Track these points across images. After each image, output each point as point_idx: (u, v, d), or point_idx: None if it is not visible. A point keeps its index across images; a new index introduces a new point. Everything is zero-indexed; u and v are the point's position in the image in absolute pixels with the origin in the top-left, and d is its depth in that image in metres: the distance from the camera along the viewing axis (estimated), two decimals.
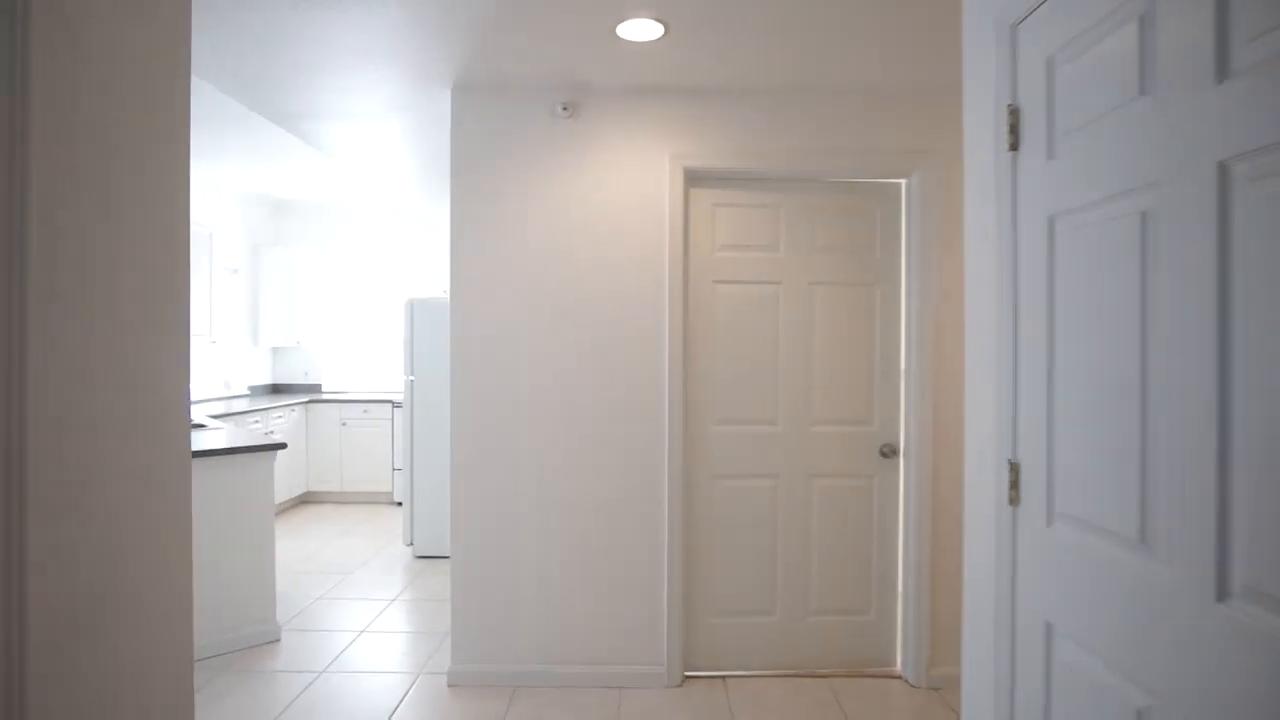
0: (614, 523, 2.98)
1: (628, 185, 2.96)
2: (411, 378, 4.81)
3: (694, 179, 3.04)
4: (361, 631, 3.56)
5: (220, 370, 6.25)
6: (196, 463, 3.18)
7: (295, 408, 6.16)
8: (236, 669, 3.14)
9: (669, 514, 2.96)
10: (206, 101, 3.89)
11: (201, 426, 4.20)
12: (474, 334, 2.99)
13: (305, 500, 6.39)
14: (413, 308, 4.80)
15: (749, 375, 3.06)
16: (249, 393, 6.54)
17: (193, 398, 5.73)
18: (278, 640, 3.43)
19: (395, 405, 6.30)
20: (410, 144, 4.04)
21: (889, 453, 3.06)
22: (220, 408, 5.52)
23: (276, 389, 6.94)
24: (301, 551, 4.89)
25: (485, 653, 2.98)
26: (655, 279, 2.97)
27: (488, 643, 2.98)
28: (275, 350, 6.97)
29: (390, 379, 6.94)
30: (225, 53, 2.76)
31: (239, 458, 3.32)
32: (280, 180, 6.02)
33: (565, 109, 2.91)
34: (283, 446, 3.46)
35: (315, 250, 6.84)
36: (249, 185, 6.17)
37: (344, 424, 6.33)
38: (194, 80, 3.50)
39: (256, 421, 5.56)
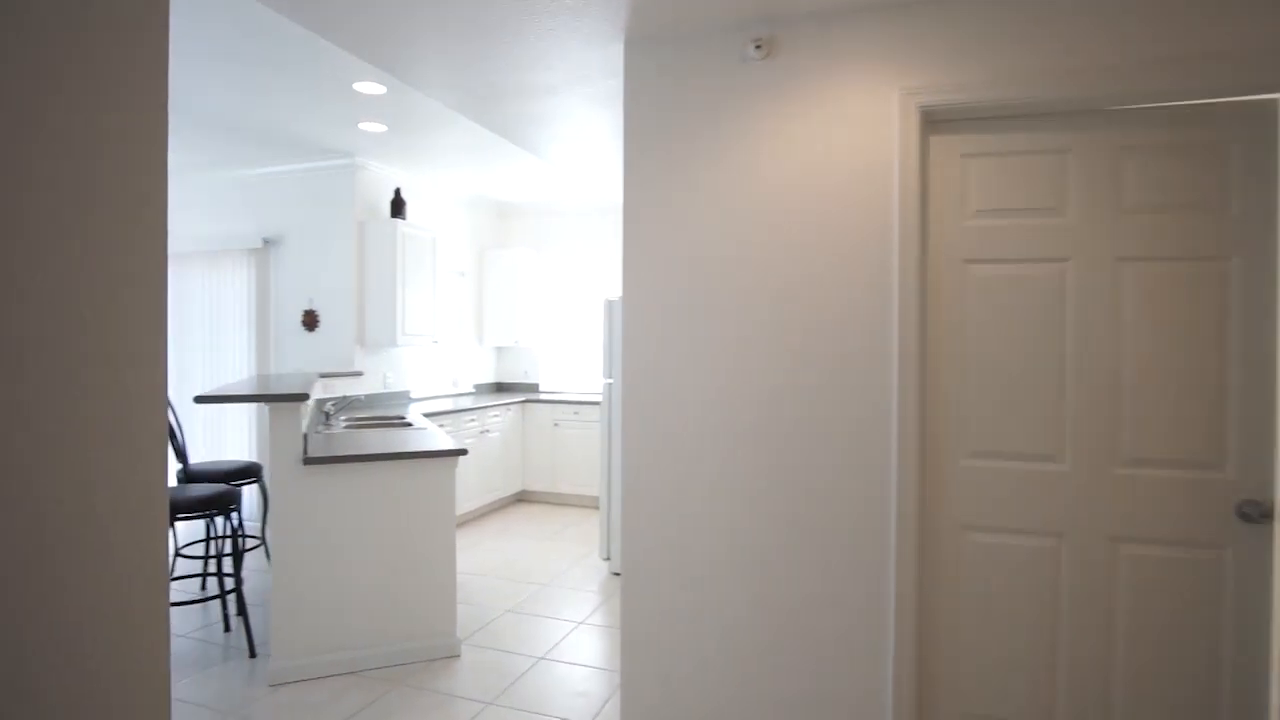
0: (822, 576, 2.30)
1: (840, 138, 2.26)
2: (609, 380, 4.49)
3: (935, 122, 2.24)
4: (540, 658, 3.26)
5: (447, 369, 6.53)
6: (378, 466, 3.09)
7: (511, 407, 6.23)
8: (408, 685, 2.98)
9: (897, 571, 2.20)
10: (429, 108, 3.92)
11: (407, 425, 4.25)
12: (645, 334, 2.50)
13: (521, 499, 6.45)
14: (611, 308, 4.48)
15: (1016, 391, 2.19)
16: (473, 391, 6.78)
17: (419, 395, 6.02)
18: (457, 656, 3.25)
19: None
20: (603, 129, 3.70)
21: (1254, 514, 2.00)
22: (448, 404, 5.70)
23: (500, 387, 7.15)
24: (506, 553, 4.81)
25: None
26: (879, 260, 2.23)
27: (663, 712, 2.47)
28: (499, 350, 7.19)
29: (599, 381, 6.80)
30: (425, 52, 2.57)
31: (421, 462, 3.18)
32: (501, 184, 6.11)
33: (758, 48, 2.29)
34: (463, 452, 3.27)
35: (533, 252, 6.91)
36: (475, 189, 6.36)
37: (556, 424, 6.28)
38: (415, 91, 3.54)
39: (473, 420, 5.66)
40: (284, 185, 5.57)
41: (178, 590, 4.01)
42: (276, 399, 2.88)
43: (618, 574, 4.39)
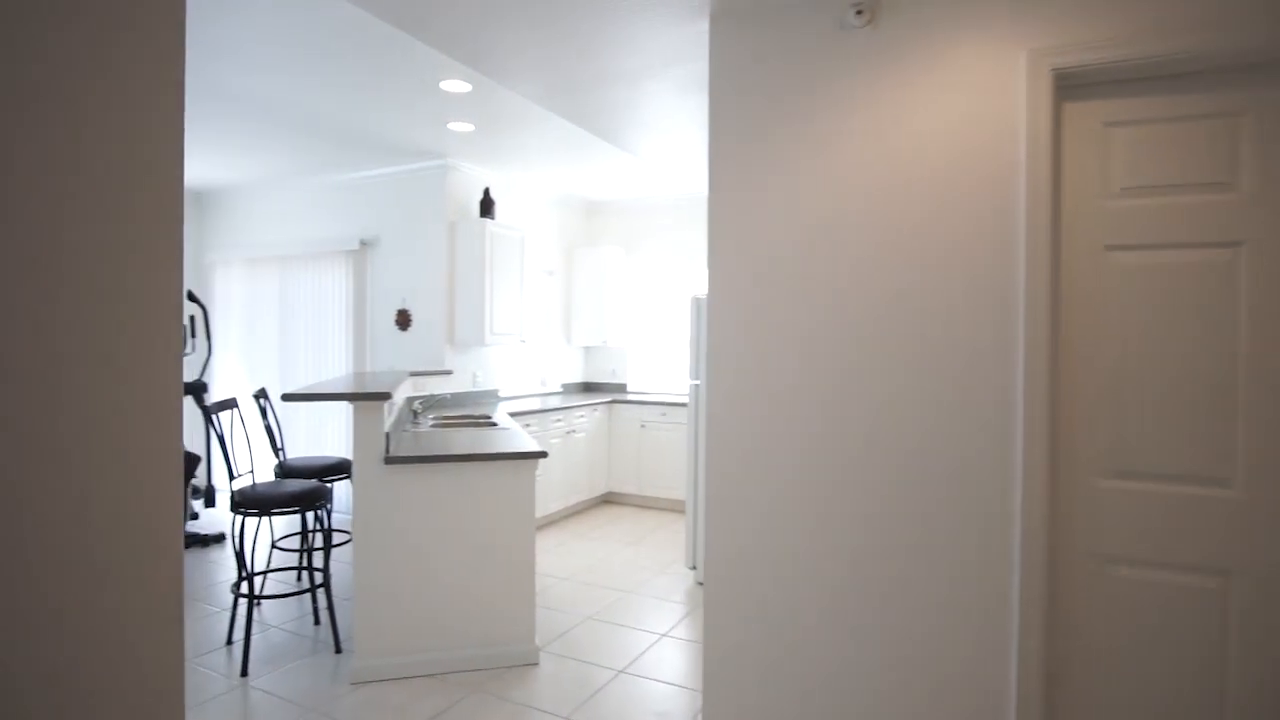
0: (937, 611, 2.03)
1: (955, 109, 1.99)
2: (696, 382, 4.31)
3: (1070, 86, 1.94)
4: (620, 672, 3.12)
5: (535, 368, 6.53)
6: (459, 467, 3.04)
7: (599, 407, 6.15)
8: (486, 691, 2.91)
9: (1021, 609, 1.91)
10: (515, 105, 3.88)
11: (492, 424, 4.22)
12: (731, 334, 2.31)
13: (607, 500, 6.37)
14: (698, 306, 4.29)
15: (1171, 401, 1.85)
16: (561, 390, 6.76)
17: (507, 394, 6.03)
18: (535, 664, 3.16)
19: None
20: (689, 118, 3.52)
21: None
22: (535, 404, 5.69)
23: (588, 387, 7.10)
24: (590, 557, 4.72)
25: None
26: (1000, 246, 1.94)
27: None
28: (586, 349, 7.14)
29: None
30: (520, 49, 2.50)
31: (501, 464, 3.11)
32: (589, 181, 6.04)
33: (859, 13, 2.05)
34: (543, 455, 3.18)
35: (621, 249, 6.81)
36: (563, 188, 6.33)
37: (643, 426, 6.15)
38: (500, 89, 3.50)
39: (559, 420, 5.62)
40: (379, 188, 5.71)
41: (274, 582, 4.14)
42: (358, 398, 2.87)
43: (703, 584, 4.20)
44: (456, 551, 3.07)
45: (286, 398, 2.84)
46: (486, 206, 5.46)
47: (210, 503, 5.60)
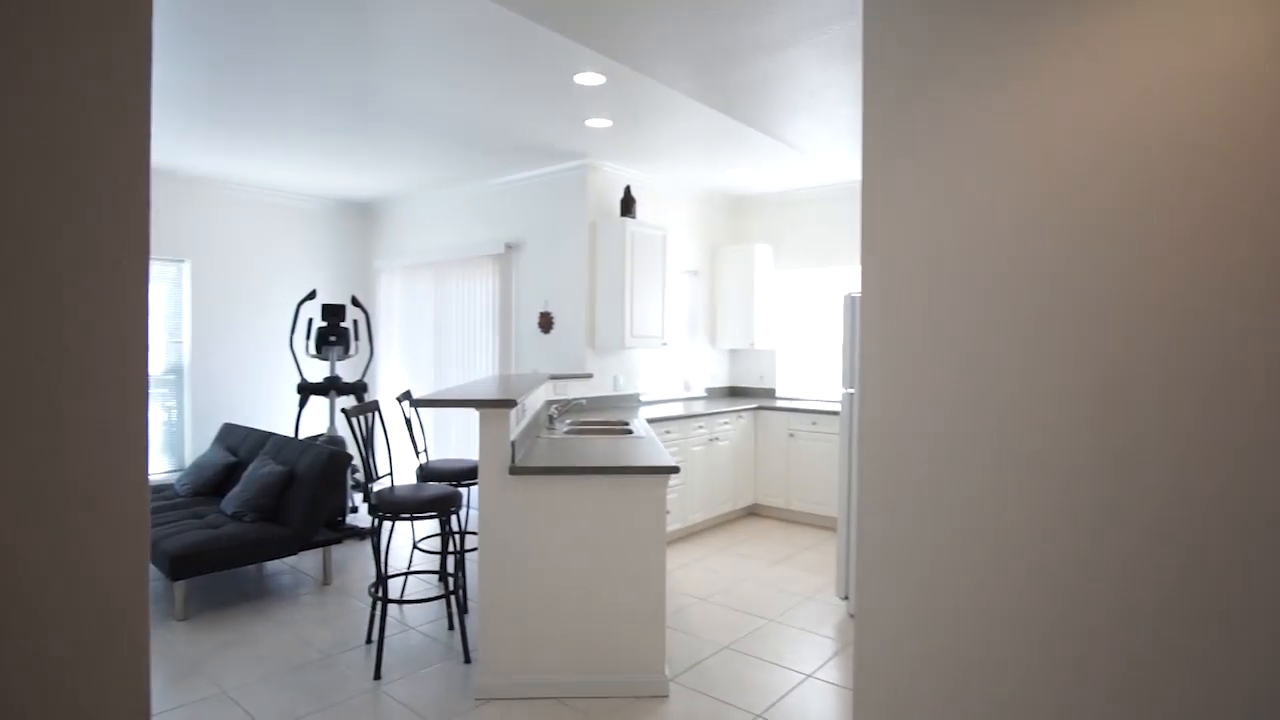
0: (1178, 710, 1.53)
1: (1218, 36, 1.47)
2: (850, 391, 3.86)
3: None
4: (759, 716, 2.79)
5: (678, 372, 6.30)
6: (585, 480, 2.85)
7: (744, 414, 5.81)
8: None
9: None
10: (653, 97, 3.68)
11: (627, 432, 4.02)
12: (888, 336, 1.91)
13: (752, 513, 6.01)
14: (852, 305, 3.84)
15: None
16: (705, 395, 6.48)
17: (649, 398, 5.85)
18: (664, 697, 2.90)
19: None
20: (840, 92, 3.11)
21: None
22: (677, 409, 5.47)
23: (734, 392, 6.77)
24: (730, 576, 4.40)
25: None
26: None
27: None
28: (732, 352, 6.81)
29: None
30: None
31: (630, 478, 2.89)
32: (733, 175, 5.73)
33: None
34: (674, 470, 2.91)
35: (768, 246, 6.42)
36: (706, 183, 6.06)
37: (792, 435, 5.73)
38: (635, 81, 3.31)
39: (701, 427, 5.34)
40: (524, 191, 5.74)
41: (418, 582, 4.21)
42: (483, 405, 2.77)
43: None
44: (582, 568, 2.89)
45: (415, 403, 2.80)
46: (627, 205, 5.30)
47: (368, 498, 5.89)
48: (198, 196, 6.17)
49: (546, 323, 5.54)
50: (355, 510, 5.54)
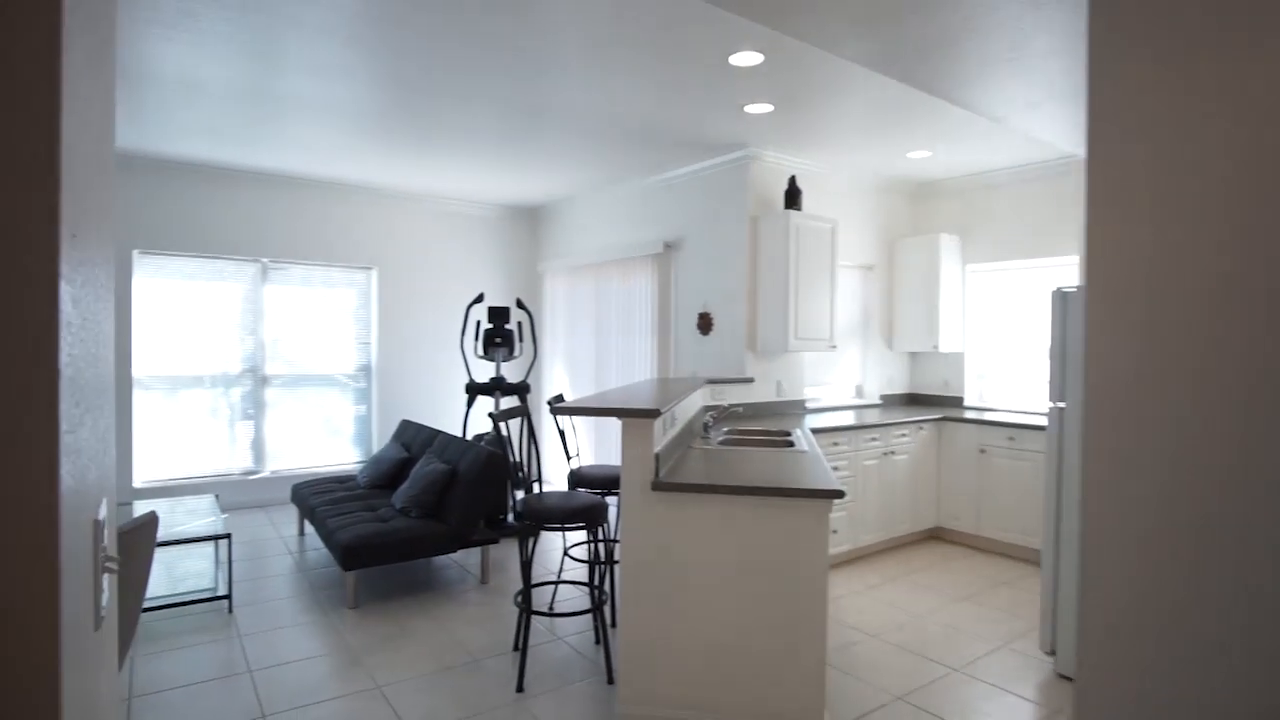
0: None
1: None
2: (1060, 405, 3.22)
3: None
4: None
5: (849, 377, 5.79)
6: (735, 500, 2.56)
7: (925, 425, 5.18)
8: None
9: None
10: (816, 74, 3.31)
11: (789, 444, 3.66)
12: (1128, 337, 1.44)
13: (933, 537, 5.35)
14: (1064, 303, 3.21)
15: None
16: (880, 403, 5.90)
17: (815, 405, 5.41)
18: None
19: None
20: (1051, 41, 2.55)
21: None
22: (847, 418, 5.00)
23: (913, 400, 6.12)
24: (905, 609, 3.89)
25: None
26: None
27: None
28: (912, 356, 6.15)
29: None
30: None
31: (787, 501, 2.55)
32: (912, 158, 5.13)
33: None
34: (839, 494, 2.53)
35: (955, 237, 5.70)
36: (880, 168, 5.50)
37: (983, 451, 5.02)
38: (794, 58, 3.00)
39: (874, 439, 4.82)
40: (683, 188, 5.53)
41: (566, 592, 4.13)
42: (625, 414, 2.57)
43: (1067, 678, 3.11)
44: (732, 596, 2.60)
45: (555, 410, 2.66)
46: (792, 197, 4.92)
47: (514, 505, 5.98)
48: (383, 207, 6.63)
49: (705, 324, 5.29)
50: (514, 510, 5.63)
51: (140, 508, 4.86)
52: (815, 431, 4.42)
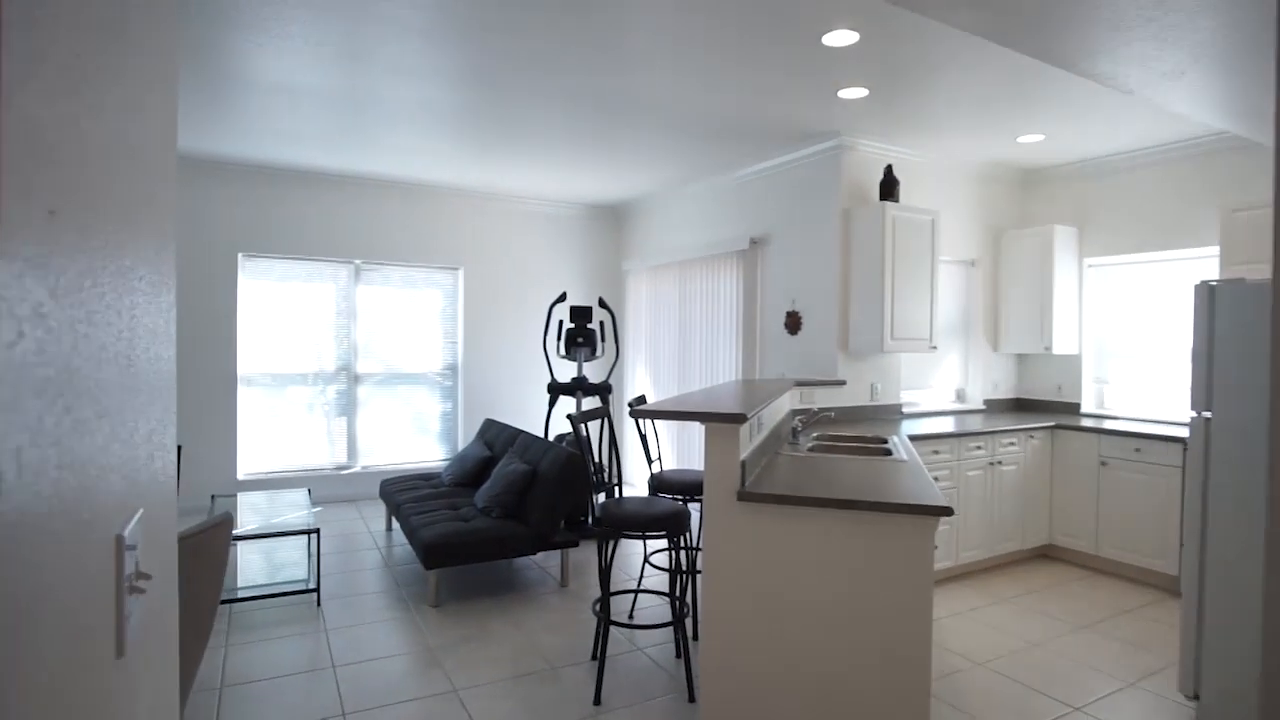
0: None
1: None
2: (1206, 415, 2.83)
3: None
4: None
5: (949, 380, 5.41)
6: (829, 514, 2.36)
7: (1037, 433, 4.76)
8: None
9: None
10: (915, 49, 3.04)
11: (885, 452, 3.40)
12: None
13: (1045, 554, 4.91)
14: (1211, 299, 2.82)
15: None
16: (983, 408, 5.48)
17: (912, 410, 5.08)
18: None
19: (1187, 446, 4.14)
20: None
21: None
22: (947, 424, 4.66)
23: (1021, 405, 5.65)
24: (1019, 635, 3.54)
25: None
26: None
27: None
28: (1020, 358, 5.69)
29: (1183, 408, 4.71)
30: None
31: (887, 517, 2.33)
32: (1023, 142, 4.73)
33: None
34: (947, 512, 2.28)
35: (1070, 228, 5.22)
36: (986, 154, 5.10)
37: (1104, 463, 4.55)
38: (893, 34, 2.77)
39: (979, 447, 4.46)
40: (770, 182, 5.31)
41: (645, 603, 4.00)
42: (709, 419, 2.41)
43: None
44: (825, 616, 2.39)
45: (635, 413, 2.54)
46: (888, 188, 4.62)
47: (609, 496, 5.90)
48: (469, 209, 6.71)
49: (794, 323, 5.05)
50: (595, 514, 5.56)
51: (242, 500, 5.08)
52: (913, 439, 4.12)
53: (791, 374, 5.09)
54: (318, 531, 3.89)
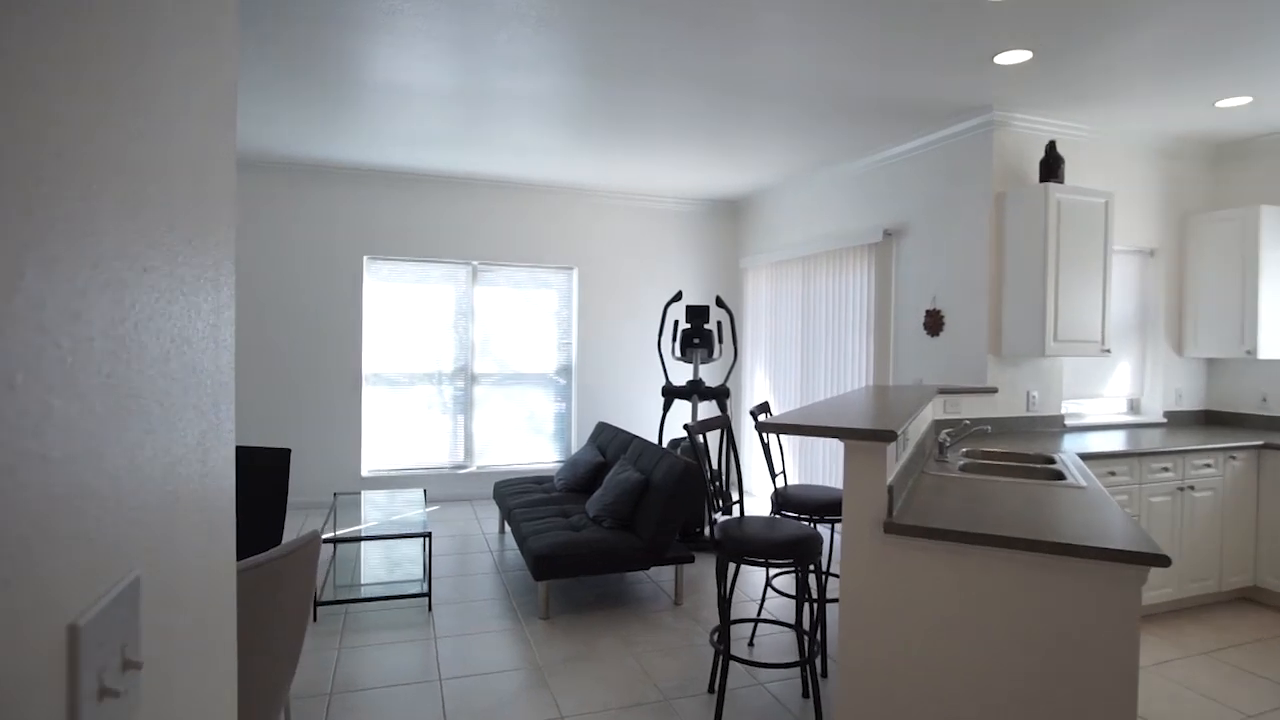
0: None
1: None
2: None
3: None
4: None
5: (1122, 389, 4.69)
6: (1002, 556, 1.95)
7: (1238, 454, 4.00)
8: None
9: None
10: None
11: (1055, 474, 2.89)
12: None
13: (1248, 598, 4.13)
14: None
15: None
16: (1164, 421, 4.71)
17: (1076, 423, 4.44)
18: None
19: None
20: None
21: None
22: (1119, 440, 4.01)
23: (1212, 419, 4.83)
24: (1226, 698, 2.92)
25: None
26: None
27: None
28: (1211, 363, 4.85)
29: None
30: None
31: (1078, 564, 1.89)
32: (1218, 109, 3.99)
33: None
34: (1163, 561, 1.81)
35: (1274, 208, 4.38)
36: (1169, 126, 4.37)
37: None
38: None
39: (1165, 468, 3.79)
40: (907, 166, 4.80)
41: (767, 629, 3.66)
42: (851, 435, 2.06)
43: None
44: (990, 680, 1.99)
45: (761, 426, 2.22)
46: (1050, 167, 4.02)
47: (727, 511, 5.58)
48: (583, 207, 6.59)
49: (934, 323, 4.53)
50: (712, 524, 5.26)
51: (365, 497, 5.18)
52: (1084, 457, 3.53)
53: (931, 380, 4.58)
54: (429, 536, 3.84)
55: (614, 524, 4.01)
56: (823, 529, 5.23)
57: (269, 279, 5.81)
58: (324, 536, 3.85)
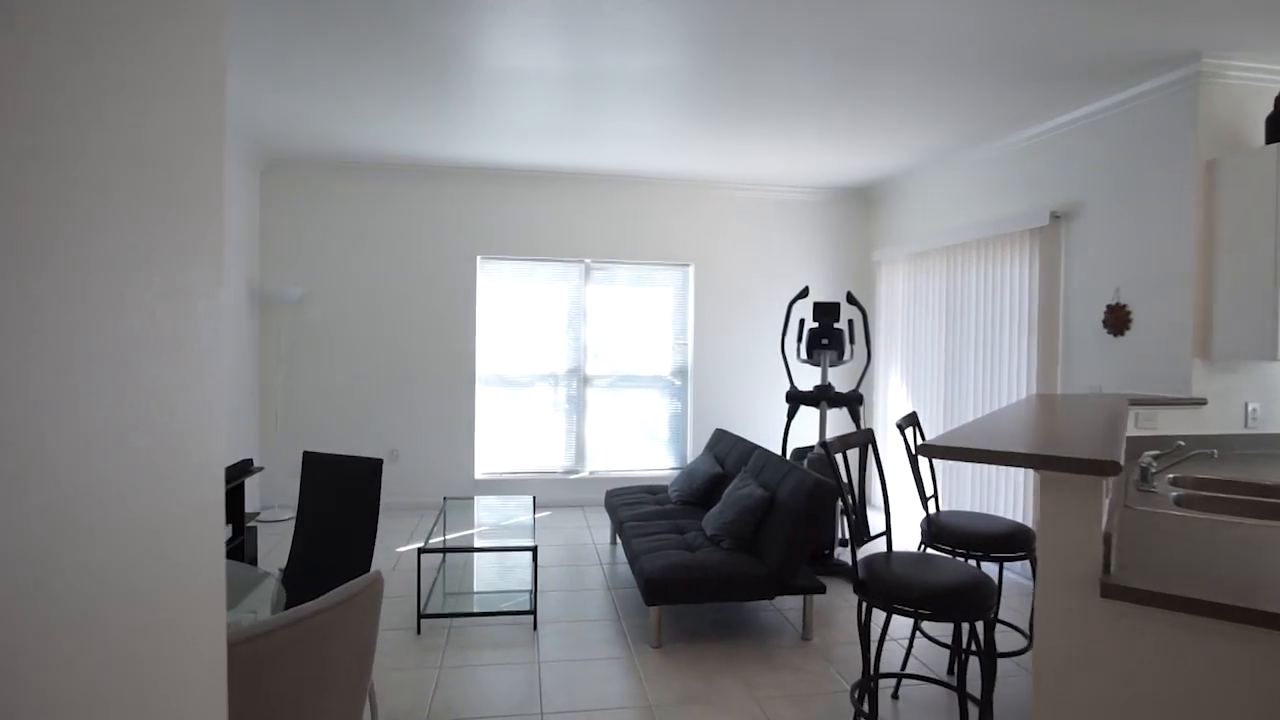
0: None
1: None
2: None
3: None
4: None
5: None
6: (1253, 633, 1.40)
7: None
8: None
9: None
10: None
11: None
12: None
13: None
14: None
15: None
16: None
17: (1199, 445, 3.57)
18: None
19: None
20: None
21: None
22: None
23: None
24: None
25: None
26: None
27: None
28: None
29: None
30: None
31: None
32: None
33: None
34: None
35: None
36: None
37: None
38: None
39: None
40: (1079, 137, 4.08)
41: (910, 690, 3.13)
42: (1051, 465, 1.56)
43: None
44: None
45: (923, 450, 1.77)
46: (1278, 125, 3.23)
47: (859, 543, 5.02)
48: (699, 201, 6.23)
49: (1119, 320, 3.80)
50: (845, 544, 4.74)
51: (478, 502, 5.07)
52: None
53: (1112, 387, 3.85)
54: (535, 550, 3.60)
55: (734, 545, 3.61)
56: (991, 566, 4.58)
57: (388, 281, 5.84)
58: (429, 545, 3.71)
